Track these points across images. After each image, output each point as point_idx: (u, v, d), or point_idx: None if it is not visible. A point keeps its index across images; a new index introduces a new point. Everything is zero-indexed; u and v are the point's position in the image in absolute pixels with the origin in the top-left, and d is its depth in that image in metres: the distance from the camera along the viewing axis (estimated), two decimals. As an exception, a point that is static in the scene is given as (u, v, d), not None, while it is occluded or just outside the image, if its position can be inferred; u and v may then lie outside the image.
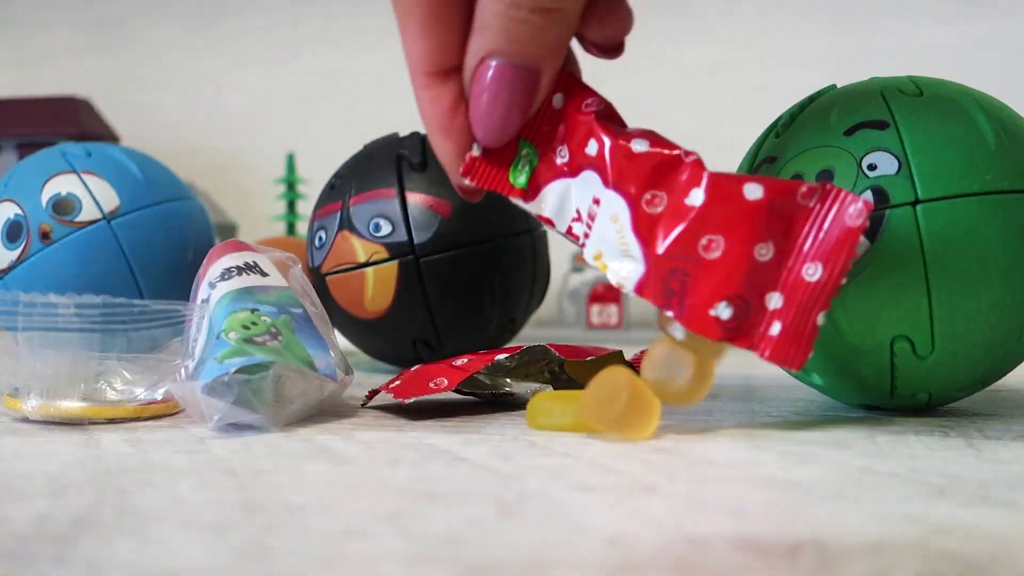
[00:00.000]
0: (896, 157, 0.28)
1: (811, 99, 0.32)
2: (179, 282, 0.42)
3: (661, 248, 0.26)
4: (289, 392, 0.28)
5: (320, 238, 0.44)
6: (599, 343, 0.46)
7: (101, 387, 0.31)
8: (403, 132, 0.46)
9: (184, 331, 0.30)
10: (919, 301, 0.27)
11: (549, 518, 0.18)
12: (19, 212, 0.41)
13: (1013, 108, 0.30)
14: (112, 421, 0.29)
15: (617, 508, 0.19)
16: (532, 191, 0.28)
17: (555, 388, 0.33)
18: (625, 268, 0.26)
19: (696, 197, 0.25)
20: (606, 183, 0.27)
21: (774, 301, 0.25)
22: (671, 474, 0.22)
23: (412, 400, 0.30)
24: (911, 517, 0.18)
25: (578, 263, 0.71)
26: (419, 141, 0.44)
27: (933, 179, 0.27)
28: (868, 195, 0.28)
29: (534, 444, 0.26)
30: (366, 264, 0.42)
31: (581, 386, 0.31)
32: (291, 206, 0.81)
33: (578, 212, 0.27)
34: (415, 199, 0.42)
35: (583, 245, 0.27)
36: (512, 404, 0.33)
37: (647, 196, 0.26)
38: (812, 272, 0.25)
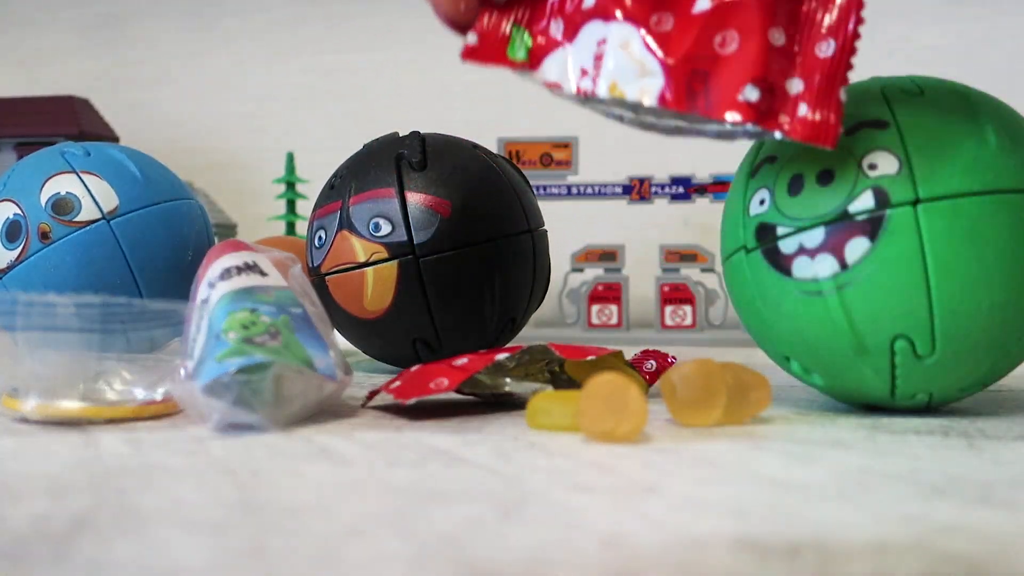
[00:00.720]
0: (897, 156, 0.28)
1: None
2: (178, 282, 0.42)
3: (678, 55, 0.26)
4: (288, 392, 0.28)
5: (320, 238, 0.44)
6: (599, 343, 0.45)
7: (100, 387, 0.31)
8: (403, 132, 0.46)
9: (183, 331, 0.30)
10: (919, 301, 0.27)
11: (549, 518, 0.18)
12: (18, 212, 0.41)
13: (1014, 108, 0.31)
14: (111, 421, 0.29)
15: (617, 508, 0.19)
16: (534, 62, 0.29)
17: (555, 388, 0.33)
18: (643, 84, 0.27)
19: (703, 3, 0.26)
20: (610, 20, 0.27)
21: (795, 86, 0.26)
22: (671, 474, 0.22)
23: (413, 401, 0.30)
24: (911, 517, 0.18)
25: (578, 263, 0.71)
26: (419, 141, 0.44)
27: (934, 178, 0.27)
28: (869, 195, 0.28)
29: (534, 444, 0.26)
30: (366, 264, 0.42)
31: (581, 386, 0.32)
32: (291, 206, 0.81)
33: (582, 70, 0.28)
34: (415, 199, 0.42)
35: (593, 93, 0.28)
36: (512, 404, 0.33)
37: (654, 19, 0.27)
38: (825, 49, 0.26)
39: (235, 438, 0.26)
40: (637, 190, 0.70)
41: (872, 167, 0.28)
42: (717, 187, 0.67)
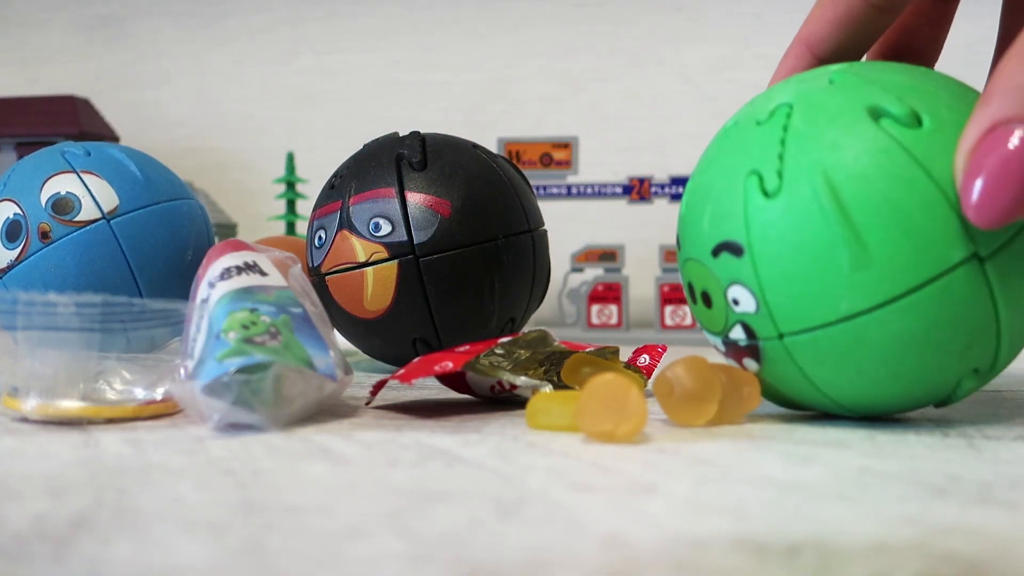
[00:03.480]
0: (753, 295, 0.27)
1: (718, 147, 0.29)
2: (178, 282, 0.42)
3: None
4: (288, 392, 0.28)
5: (320, 238, 0.44)
6: (599, 343, 0.45)
7: (100, 387, 0.31)
8: (403, 132, 0.46)
9: (183, 331, 0.30)
10: (814, 399, 0.29)
11: (549, 518, 0.18)
12: (18, 211, 0.41)
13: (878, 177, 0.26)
14: (111, 421, 0.29)
15: (617, 508, 0.19)
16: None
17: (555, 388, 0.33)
18: None
19: None
20: None
21: None
22: (671, 474, 0.22)
23: (417, 381, 0.30)
24: (911, 517, 0.18)
25: (578, 263, 0.71)
26: (419, 141, 0.44)
27: (792, 316, 0.26)
28: (739, 328, 0.28)
29: (534, 444, 0.26)
30: (366, 264, 0.42)
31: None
32: (291, 206, 0.81)
33: None
34: (415, 199, 0.42)
35: None
36: (512, 404, 0.33)
37: None
38: None
39: (235, 438, 0.26)
40: (637, 190, 0.70)
41: (736, 302, 0.27)
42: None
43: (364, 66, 0.95)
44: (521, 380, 0.32)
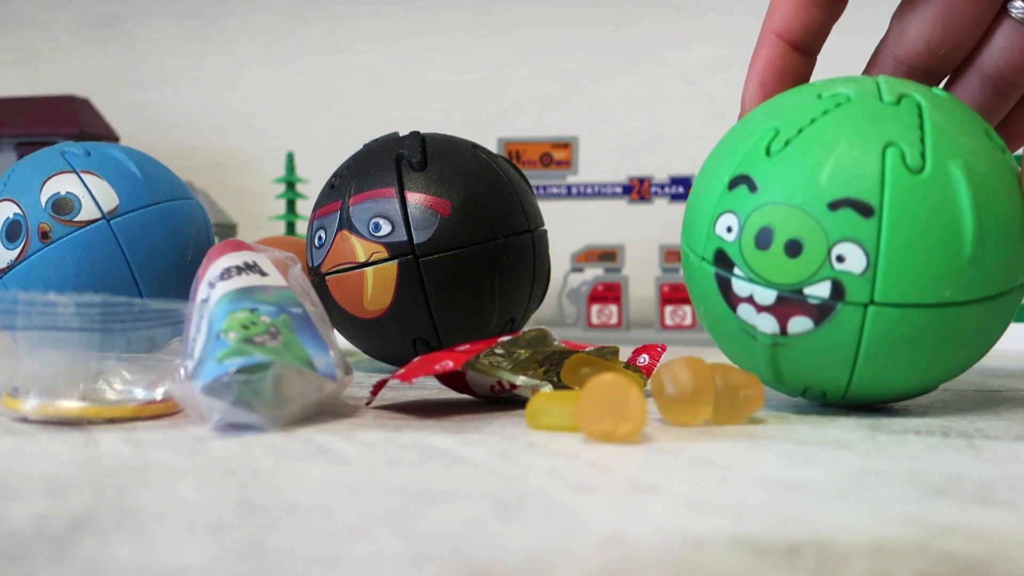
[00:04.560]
0: (867, 255, 0.27)
1: (824, 110, 0.29)
2: (178, 282, 0.42)
3: None
4: (288, 392, 0.28)
5: (320, 238, 0.44)
6: (599, 343, 0.46)
7: (100, 387, 0.31)
8: (403, 132, 0.46)
9: (183, 331, 0.30)
10: (842, 375, 0.29)
11: (549, 518, 0.18)
12: (18, 211, 0.41)
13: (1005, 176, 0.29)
14: (111, 421, 0.29)
15: (617, 508, 0.19)
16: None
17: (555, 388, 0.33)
18: None
19: None
20: None
21: None
22: (671, 474, 0.22)
23: (417, 380, 0.30)
24: (911, 517, 0.18)
25: (578, 263, 0.71)
26: (419, 141, 0.44)
27: (895, 287, 0.27)
28: (827, 285, 0.28)
29: (534, 444, 0.26)
30: (366, 264, 0.42)
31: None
32: (291, 206, 0.81)
33: None
34: (415, 199, 0.42)
35: None
36: (512, 404, 0.33)
37: None
38: None
39: (235, 438, 0.26)
40: (637, 190, 0.70)
41: (840, 259, 0.27)
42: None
43: (364, 66, 0.95)
44: (521, 380, 0.32)
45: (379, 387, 0.32)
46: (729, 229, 0.29)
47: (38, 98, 0.80)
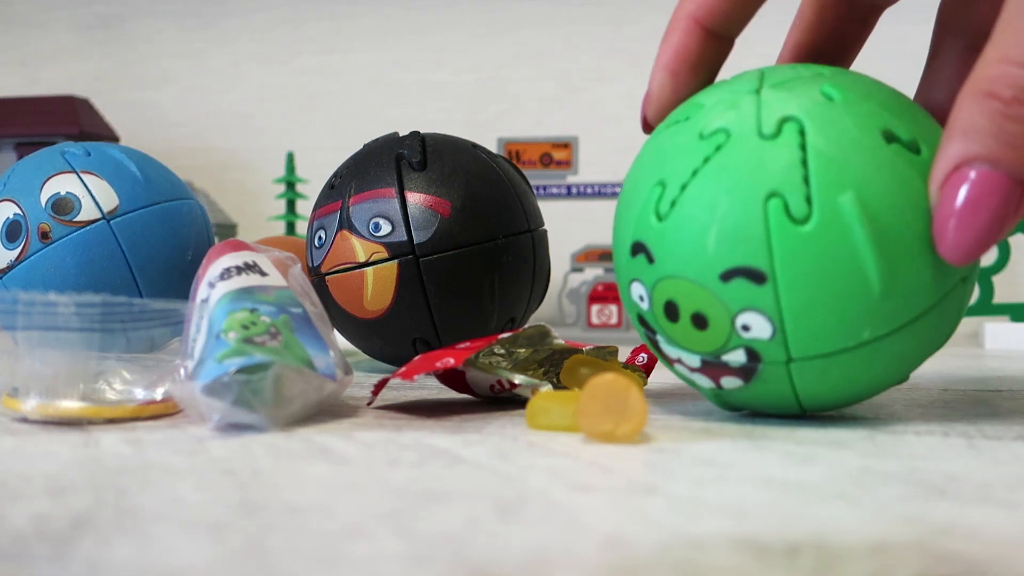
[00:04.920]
0: (771, 322, 0.26)
1: (704, 156, 0.26)
2: (178, 282, 0.42)
3: None
4: (288, 392, 0.28)
5: (320, 238, 0.44)
6: (599, 343, 0.46)
7: (100, 387, 0.31)
8: (403, 132, 0.46)
9: (183, 331, 0.30)
10: (790, 406, 0.29)
11: (549, 518, 0.18)
12: (18, 211, 0.41)
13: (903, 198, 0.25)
14: (111, 421, 0.29)
15: (617, 508, 0.19)
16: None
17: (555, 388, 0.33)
18: None
19: None
20: None
21: None
22: (671, 474, 0.22)
23: (418, 379, 0.30)
24: (911, 517, 0.18)
25: (578, 263, 0.72)
26: (419, 141, 0.44)
27: (808, 342, 0.26)
28: (741, 352, 0.27)
29: (534, 444, 0.26)
30: (366, 264, 0.42)
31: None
32: (291, 206, 0.81)
33: None
34: (415, 199, 0.42)
35: None
36: (512, 404, 0.33)
37: None
38: None
39: (235, 438, 0.26)
40: (637, 190, 0.70)
41: (746, 328, 0.26)
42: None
43: (364, 66, 0.95)
44: (521, 379, 0.32)
45: (380, 387, 0.32)
46: (641, 298, 0.28)
47: (38, 98, 0.80)
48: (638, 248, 0.28)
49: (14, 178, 0.43)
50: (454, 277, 0.42)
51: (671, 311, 0.27)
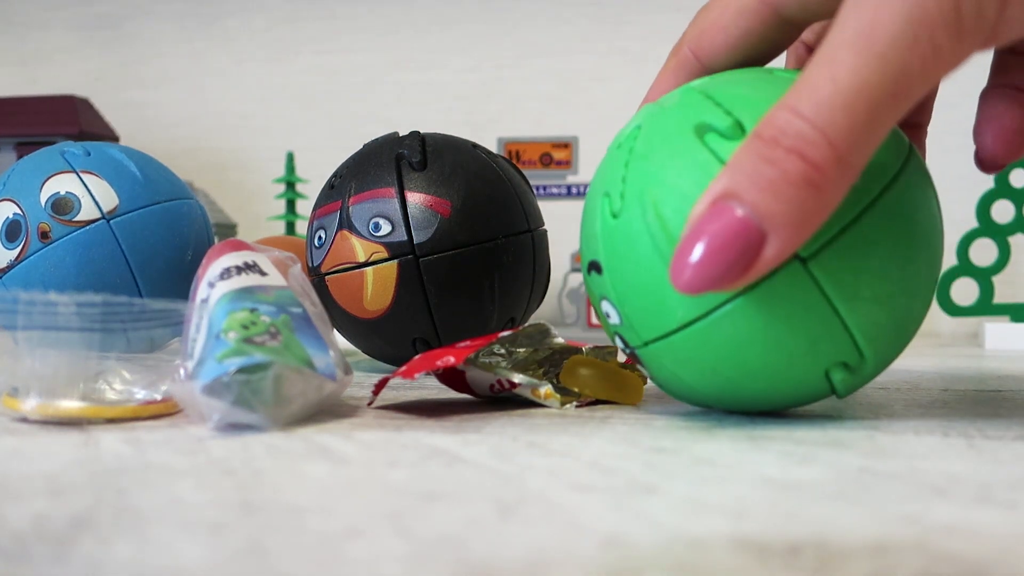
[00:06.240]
0: (616, 309, 0.29)
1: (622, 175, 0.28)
2: (178, 282, 0.42)
3: None
4: (288, 392, 0.28)
5: (319, 238, 0.44)
6: (599, 343, 0.46)
7: (100, 387, 0.31)
8: (403, 132, 0.46)
9: (183, 331, 0.30)
10: (703, 390, 0.30)
11: (549, 518, 0.18)
12: (18, 211, 0.41)
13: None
14: (111, 421, 0.29)
15: (617, 508, 0.19)
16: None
17: (554, 387, 0.33)
18: None
19: None
20: None
21: None
22: (671, 474, 0.22)
23: (418, 377, 0.31)
24: (911, 517, 0.18)
25: (578, 263, 0.71)
26: (419, 141, 0.44)
27: (646, 326, 0.28)
28: (617, 338, 0.30)
29: (533, 444, 0.26)
30: (366, 264, 0.42)
31: (574, 393, 0.32)
32: (290, 206, 0.81)
33: None
34: (415, 199, 0.42)
35: None
36: (512, 404, 0.33)
37: None
38: None
39: (235, 438, 0.26)
40: (637, 190, 0.70)
41: (608, 316, 0.29)
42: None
43: (364, 66, 0.95)
44: (521, 378, 0.32)
45: (380, 387, 0.32)
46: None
47: (38, 98, 0.80)
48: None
49: (14, 178, 0.43)
50: (454, 277, 0.42)
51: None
